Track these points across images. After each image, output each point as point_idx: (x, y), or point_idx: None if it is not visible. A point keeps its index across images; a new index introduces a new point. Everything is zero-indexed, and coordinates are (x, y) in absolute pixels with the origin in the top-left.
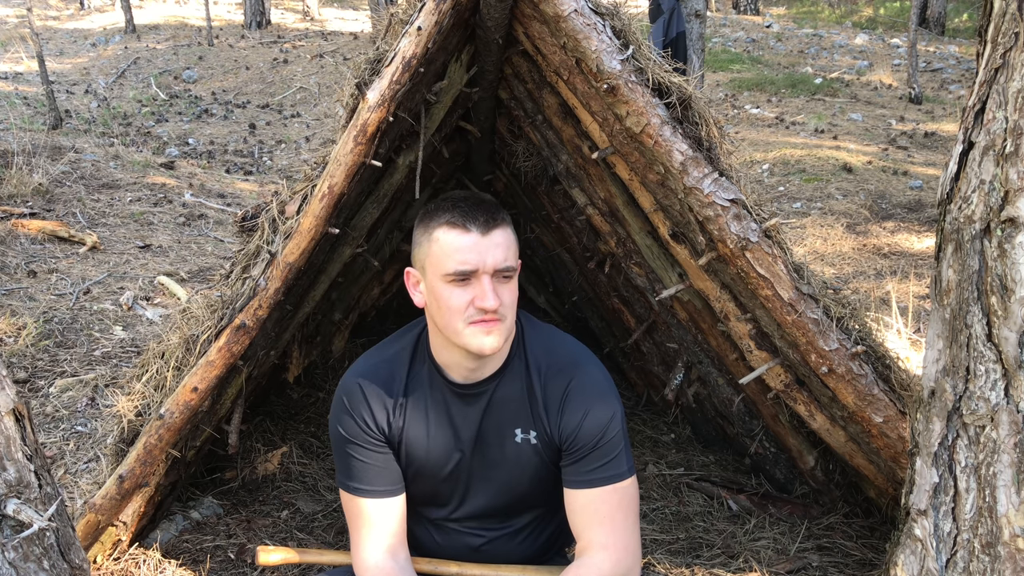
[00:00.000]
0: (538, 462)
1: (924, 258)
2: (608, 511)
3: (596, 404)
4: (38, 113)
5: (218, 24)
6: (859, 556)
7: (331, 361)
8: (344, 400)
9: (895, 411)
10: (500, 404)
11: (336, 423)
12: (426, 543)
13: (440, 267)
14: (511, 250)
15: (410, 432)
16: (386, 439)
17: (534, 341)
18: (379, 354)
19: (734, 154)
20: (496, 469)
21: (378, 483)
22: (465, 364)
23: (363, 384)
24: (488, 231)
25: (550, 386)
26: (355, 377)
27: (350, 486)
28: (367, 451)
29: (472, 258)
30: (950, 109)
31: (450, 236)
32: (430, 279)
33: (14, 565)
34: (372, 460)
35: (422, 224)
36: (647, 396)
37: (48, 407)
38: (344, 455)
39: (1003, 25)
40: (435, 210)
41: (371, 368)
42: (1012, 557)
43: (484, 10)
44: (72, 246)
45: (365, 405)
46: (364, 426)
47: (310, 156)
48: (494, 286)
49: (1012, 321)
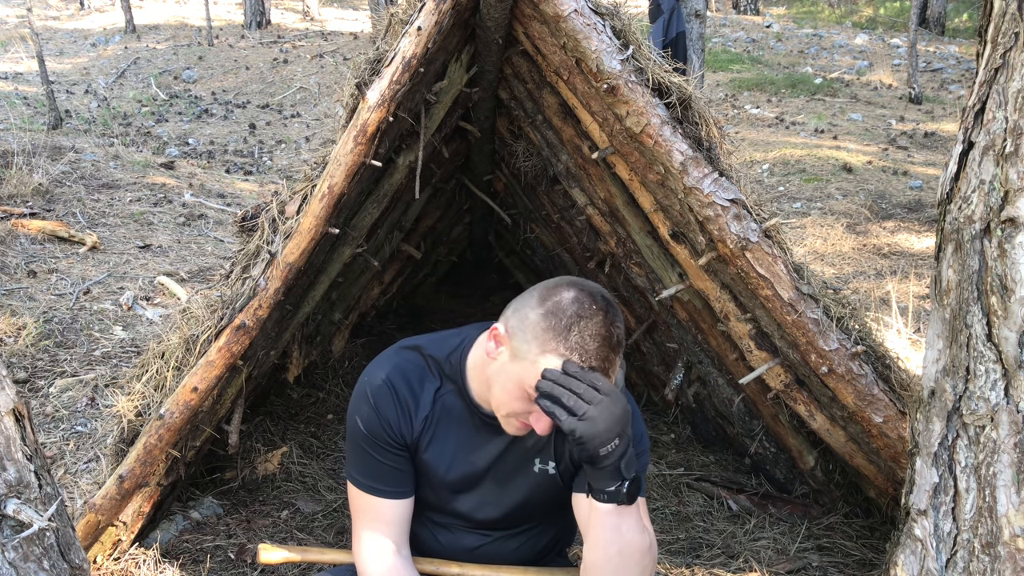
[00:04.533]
0: (553, 489)
1: (924, 258)
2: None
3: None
4: (38, 113)
5: (218, 24)
6: (859, 556)
7: (331, 361)
8: (369, 394)
9: (895, 411)
10: (526, 437)
11: (357, 415)
12: (426, 540)
13: (527, 379)
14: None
15: (433, 448)
16: (406, 445)
17: None
18: (413, 356)
19: (734, 154)
20: (510, 495)
21: (391, 484)
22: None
23: (395, 384)
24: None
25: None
26: (385, 374)
27: (361, 482)
28: (385, 451)
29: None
30: (950, 109)
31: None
32: (512, 366)
33: (14, 565)
34: (389, 461)
35: (552, 317)
36: (647, 396)
37: (48, 407)
38: (360, 450)
39: (1003, 25)
40: (575, 320)
41: (404, 370)
42: (1012, 557)
43: (484, 10)
44: (72, 246)
45: (391, 406)
46: (387, 428)
47: (310, 156)
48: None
49: (1012, 321)
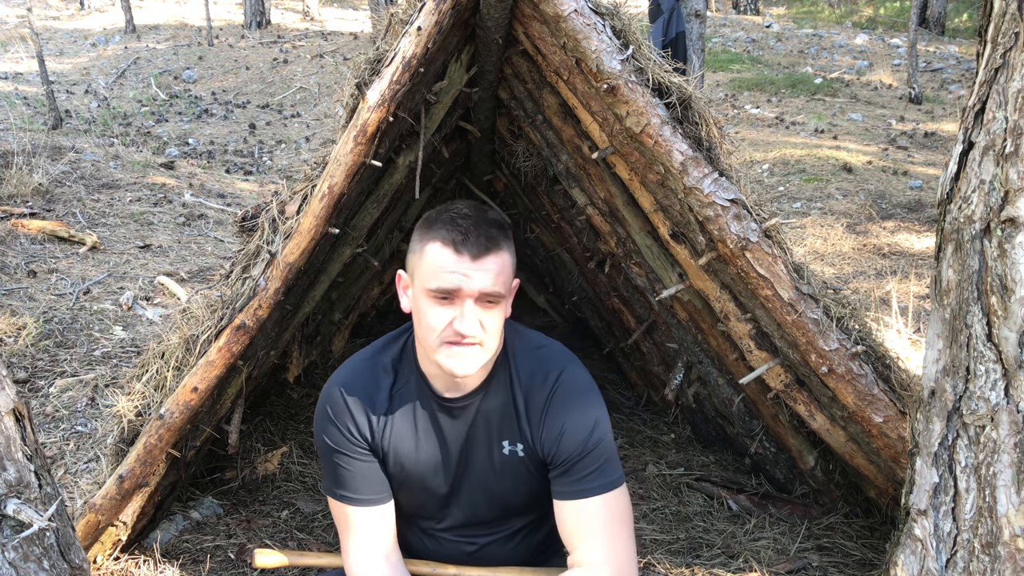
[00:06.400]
0: (526, 474)
1: (924, 258)
2: (602, 523)
3: (576, 414)
4: (38, 113)
5: (218, 24)
6: (859, 556)
7: (331, 361)
8: (327, 409)
9: (895, 411)
10: (486, 417)
11: (321, 431)
12: (419, 550)
13: (425, 281)
14: (502, 276)
15: (397, 444)
16: (370, 447)
17: (520, 351)
18: (363, 362)
19: (734, 154)
20: (484, 481)
21: (365, 491)
22: (445, 376)
23: (344, 393)
24: (480, 256)
25: (531, 398)
26: (337, 385)
27: (337, 493)
28: (352, 459)
29: (457, 279)
30: (950, 109)
31: (441, 254)
32: (416, 289)
33: (14, 565)
34: (358, 468)
35: (419, 232)
36: (647, 396)
37: (48, 407)
38: (330, 463)
39: (1003, 25)
40: (434, 221)
41: (354, 376)
42: (1012, 557)
43: (484, 10)
44: (72, 246)
45: (347, 414)
46: (348, 434)
47: (310, 156)
48: (477, 311)
49: (1012, 321)
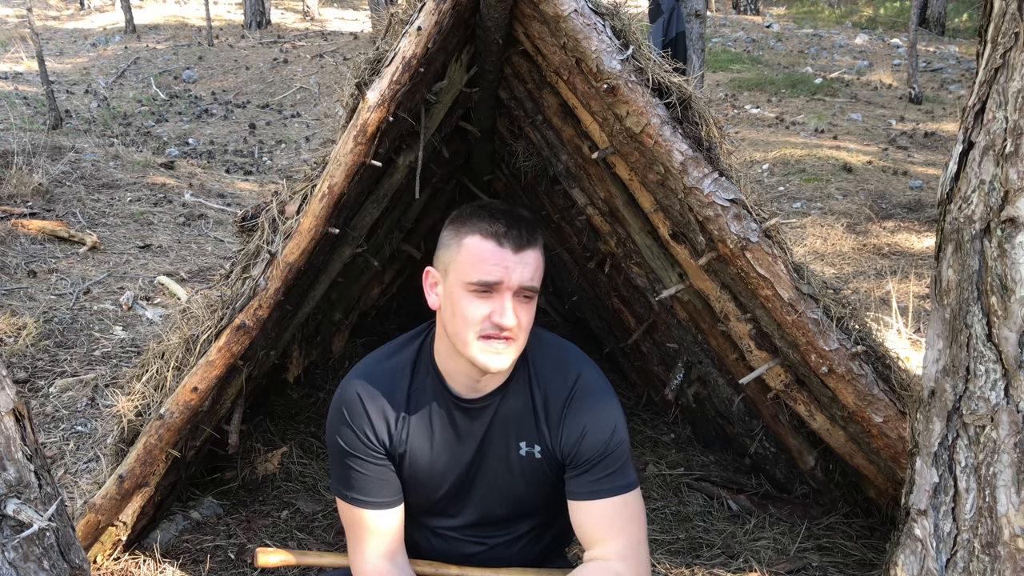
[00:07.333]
0: (542, 475)
1: (924, 258)
2: (622, 523)
3: (597, 415)
4: (38, 113)
5: (218, 24)
6: (859, 556)
7: (331, 361)
8: (344, 411)
9: (895, 411)
10: (504, 418)
11: (335, 433)
12: (424, 549)
13: (465, 274)
14: (539, 272)
15: (413, 446)
16: (387, 452)
17: (538, 353)
18: (381, 363)
19: (734, 154)
20: (500, 481)
21: (377, 495)
22: (470, 375)
23: (363, 395)
24: (522, 249)
25: (550, 400)
26: (355, 387)
27: (348, 496)
28: (367, 463)
29: (499, 272)
30: (950, 109)
31: (482, 246)
32: (451, 284)
33: (14, 565)
34: (372, 472)
35: (454, 227)
36: (647, 396)
37: (48, 407)
38: (342, 465)
39: (1003, 25)
40: (471, 216)
41: (372, 377)
42: (1012, 557)
43: (484, 10)
44: (72, 246)
45: (365, 417)
46: (365, 439)
47: (310, 156)
48: (515, 304)
49: (1012, 321)
